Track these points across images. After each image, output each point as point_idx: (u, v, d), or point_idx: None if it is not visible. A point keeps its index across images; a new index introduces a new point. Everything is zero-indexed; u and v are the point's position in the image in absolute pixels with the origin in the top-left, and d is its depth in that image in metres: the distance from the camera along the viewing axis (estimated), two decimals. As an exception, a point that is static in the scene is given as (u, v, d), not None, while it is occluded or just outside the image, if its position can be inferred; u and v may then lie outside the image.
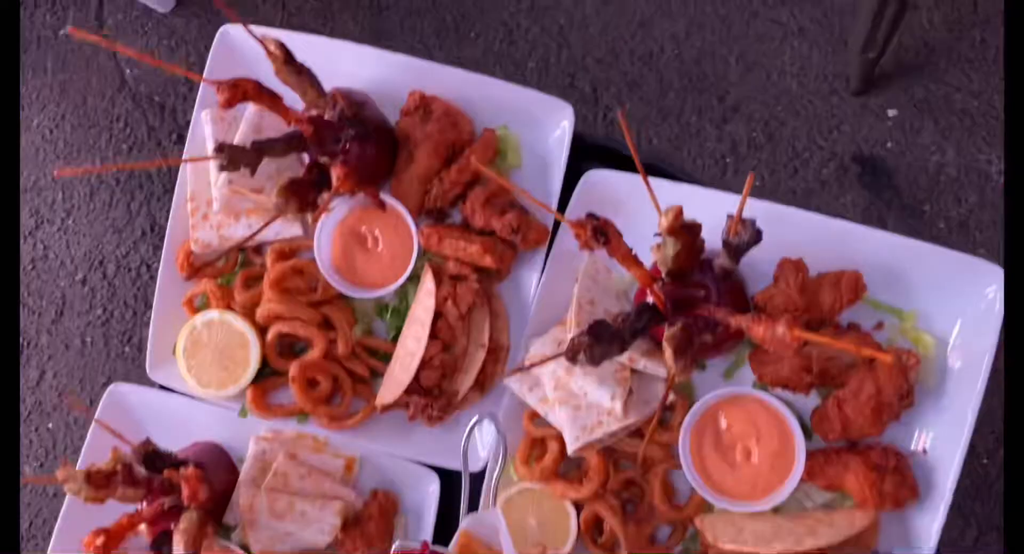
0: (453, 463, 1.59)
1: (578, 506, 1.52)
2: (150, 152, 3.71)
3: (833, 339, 1.17)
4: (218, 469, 1.63)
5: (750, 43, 3.26)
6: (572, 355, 1.32)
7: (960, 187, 3.05)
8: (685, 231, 1.31)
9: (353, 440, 1.65)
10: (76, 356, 3.63)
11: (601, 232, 1.31)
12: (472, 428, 1.44)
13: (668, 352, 1.30)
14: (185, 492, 1.48)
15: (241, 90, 1.44)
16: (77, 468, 1.51)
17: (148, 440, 1.54)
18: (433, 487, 1.60)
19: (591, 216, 1.32)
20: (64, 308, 3.69)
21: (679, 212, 1.26)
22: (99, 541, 1.48)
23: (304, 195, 1.47)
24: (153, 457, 1.53)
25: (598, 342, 1.31)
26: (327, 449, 1.64)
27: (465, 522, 1.41)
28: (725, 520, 1.45)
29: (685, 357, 1.32)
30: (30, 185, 3.80)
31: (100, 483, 1.51)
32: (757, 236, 1.25)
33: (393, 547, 1.44)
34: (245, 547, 1.61)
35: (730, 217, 1.26)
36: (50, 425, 3.59)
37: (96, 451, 1.66)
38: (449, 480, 1.61)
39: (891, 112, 3.18)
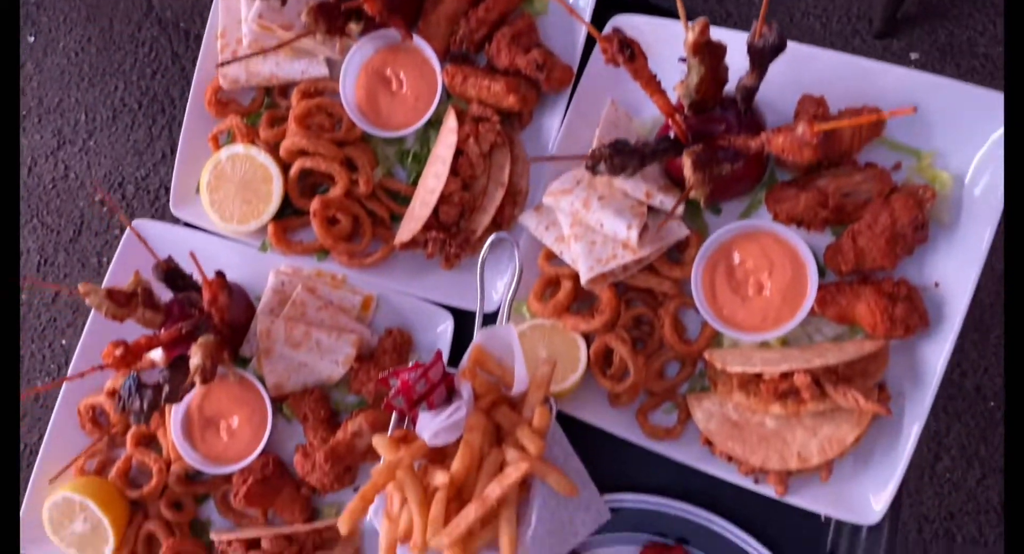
0: (467, 303, 1.61)
1: (588, 340, 1.54)
2: (174, 77, 3.74)
3: (851, 121, 1.18)
4: (237, 305, 1.66)
5: (774, -19, 3.27)
6: (593, 164, 1.34)
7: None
8: (710, 52, 1.32)
9: (371, 279, 1.67)
10: (92, 275, 3.67)
11: (627, 46, 1.32)
12: (490, 245, 1.45)
13: (687, 163, 1.32)
14: (206, 296, 1.50)
15: (277, -88, 1.46)
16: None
17: (170, 258, 1.57)
18: (447, 326, 1.63)
19: (617, 30, 1.33)
20: (82, 227, 3.73)
21: (706, 25, 1.28)
22: (118, 352, 1.51)
23: (333, 18, 1.50)
24: (174, 275, 1.56)
25: (618, 153, 1.33)
26: (345, 286, 1.66)
27: (479, 337, 1.43)
28: (734, 352, 1.46)
29: (703, 171, 1.34)
30: (54, 106, 3.84)
31: (120, 301, 1.54)
32: (781, 41, 1.26)
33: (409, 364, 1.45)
34: (260, 378, 1.64)
35: (755, 21, 1.27)
36: (63, 341, 3.62)
37: (119, 279, 1.69)
38: (462, 322, 1.63)
39: (913, 55, 3.18)
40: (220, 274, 1.53)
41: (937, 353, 1.39)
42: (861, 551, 1.46)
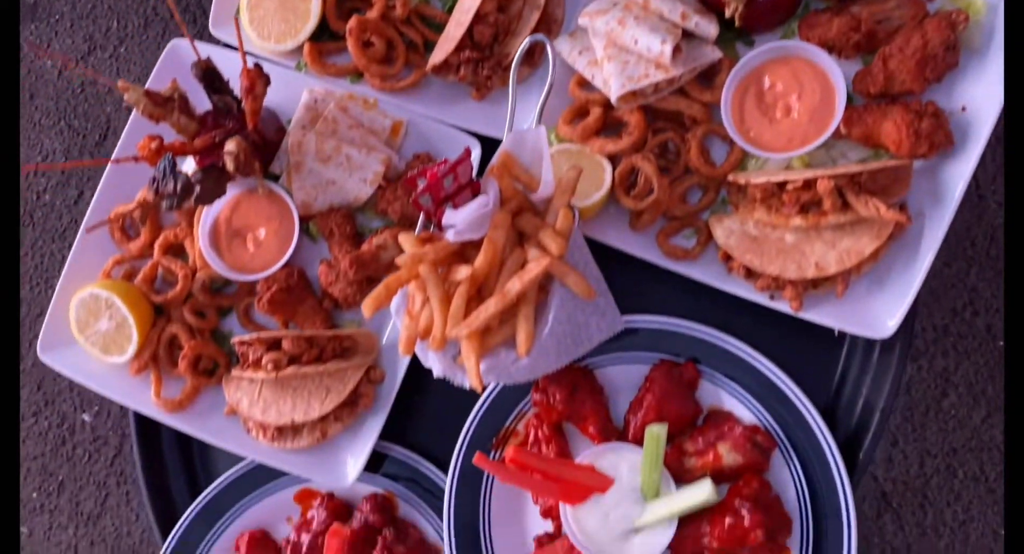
0: (496, 131, 1.63)
1: (614, 165, 1.56)
2: (206, -5, 3.76)
3: None
4: (269, 125, 1.68)
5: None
6: (632, -42, 1.35)
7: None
8: None
9: (402, 104, 1.69)
10: (116, 180, 3.71)
11: None
12: (526, 48, 1.48)
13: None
14: (244, 84, 1.53)
15: None
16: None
17: (210, 58, 1.60)
18: (475, 153, 1.64)
19: None
20: (108, 132, 3.76)
21: None
22: (153, 145, 1.55)
23: None
24: (212, 76, 1.59)
25: (659, -51, 1.35)
26: (376, 110, 1.68)
27: (507, 141, 1.45)
28: (759, 173, 1.48)
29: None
30: (87, 11, 3.87)
31: (158, 100, 1.58)
32: None
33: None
34: (289, 194, 1.67)
35: None
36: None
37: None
38: (490, 151, 1.64)
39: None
40: (258, 65, 1.56)
41: (959, 174, 1.41)
42: (872, 373, 1.48)
